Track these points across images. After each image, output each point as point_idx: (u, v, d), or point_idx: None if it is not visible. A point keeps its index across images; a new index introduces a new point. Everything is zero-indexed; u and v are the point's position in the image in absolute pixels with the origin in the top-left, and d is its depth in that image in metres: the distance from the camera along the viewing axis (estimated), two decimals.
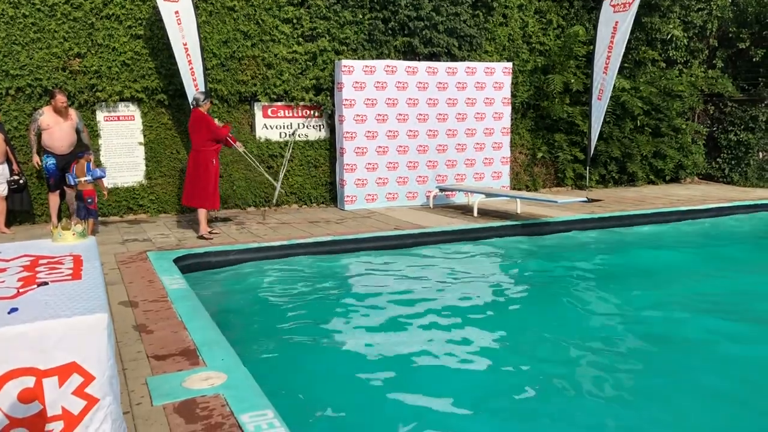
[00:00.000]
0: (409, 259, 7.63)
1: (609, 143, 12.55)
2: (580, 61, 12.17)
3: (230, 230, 8.48)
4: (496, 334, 5.35)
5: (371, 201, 10.55)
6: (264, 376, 4.04)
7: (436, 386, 4.26)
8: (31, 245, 3.83)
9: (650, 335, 5.23)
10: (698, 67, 13.65)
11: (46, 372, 2.39)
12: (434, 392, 4.14)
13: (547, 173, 12.71)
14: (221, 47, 9.79)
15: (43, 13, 8.79)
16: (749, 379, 4.35)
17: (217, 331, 4.48)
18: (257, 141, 10.32)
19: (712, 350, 4.90)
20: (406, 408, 3.94)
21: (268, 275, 6.95)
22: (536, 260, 7.79)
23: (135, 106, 9.59)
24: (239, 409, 3.25)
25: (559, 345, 5.04)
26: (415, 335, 5.21)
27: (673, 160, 13.10)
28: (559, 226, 9.06)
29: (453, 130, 11.05)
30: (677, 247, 8.50)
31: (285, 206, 10.62)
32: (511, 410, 3.98)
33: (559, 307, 6.05)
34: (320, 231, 8.31)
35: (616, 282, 6.93)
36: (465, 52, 11.36)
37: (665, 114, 12.89)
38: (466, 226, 8.68)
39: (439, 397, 4.07)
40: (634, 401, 4.05)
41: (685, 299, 6.21)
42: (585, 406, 4.01)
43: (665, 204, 10.45)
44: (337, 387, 4.28)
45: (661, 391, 4.17)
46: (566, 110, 12.12)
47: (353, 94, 10.19)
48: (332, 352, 4.87)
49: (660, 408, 3.94)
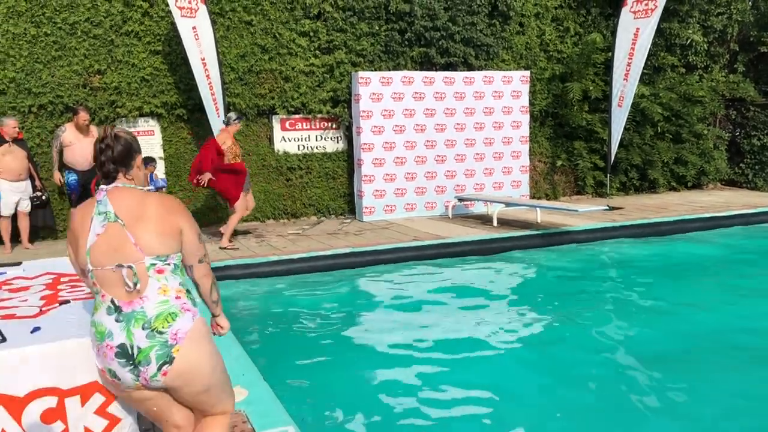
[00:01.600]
0: (428, 271, 7.59)
1: (629, 150, 12.44)
2: (598, 69, 12.09)
3: (249, 243, 8.51)
4: (521, 345, 5.29)
5: (390, 212, 10.54)
6: (285, 391, 4.03)
7: (462, 403, 4.21)
8: (53, 263, 3.86)
9: (677, 346, 5.14)
10: (719, 72, 13.51)
11: (69, 392, 2.40)
12: (460, 410, 4.10)
13: (567, 181, 12.62)
14: (239, 61, 9.86)
15: (64, 32, 8.92)
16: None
17: (238, 345, 4.47)
18: (276, 154, 10.36)
19: (746, 360, 4.80)
20: (429, 425, 3.89)
21: (287, 288, 6.95)
22: (558, 270, 7.71)
23: (155, 121, 9.68)
24: (260, 425, 3.24)
25: (584, 356, 4.97)
26: (439, 349, 5.16)
27: (695, 166, 12.94)
28: (581, 235, 8.97)
29: (471, 139, 11.02)
30: (702, 254, 8.38)
31: (304, 218, 10.64)
32: (541, 426, 3.92)
33: (583, 317, 5.97)
34: (339, 243, 8.30)
35: (640, 290, 6.84)
36: (482, 61, 11.34)
37: (686, 120, 12.75)
38: (486, 236, 8.63)
39: (466, 415, 4.02)
40: (660, 411, 3.98)
41: (715, 305, 6.11)
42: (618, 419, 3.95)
43: (687, 211, 10.31)
44: (358, 402, 4.25)
45: (694, 404, 4.10)
46: (585, 118, 12.04)
47: (370, 106, 10.20)
48: (353, 367, 4.84)
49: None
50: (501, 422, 3.92)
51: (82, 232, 2.40)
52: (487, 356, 5.03)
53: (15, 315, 2.73)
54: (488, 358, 4.99)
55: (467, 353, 5.08)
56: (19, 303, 2.94)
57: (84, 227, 2.40)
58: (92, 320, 2.41)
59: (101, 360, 2.36)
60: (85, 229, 2.39)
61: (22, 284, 3.33)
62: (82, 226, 2.40)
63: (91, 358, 2.41)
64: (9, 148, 8.04)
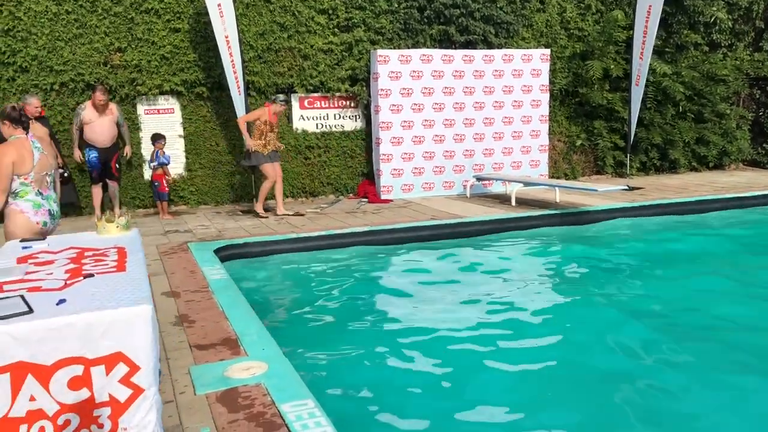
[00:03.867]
0: (446, 249, 7.60)
1: (650, 130, 12.30)
2: (619, 47, 11.93)
3: (269, 221, 8.57)
4: (541, 327, 5.28)
5: (408, 191, 10.54)
6: (305, 366, 4.09)
7: (484, 383, 4.24)
8: (77, 238, 3.93)
9: (701, 325, 5.13)
10: (743, 50, 13.26)
11: (94, 361, 2.46)
12: (482, 390, 4.13)
13: (587, 161, 12.52)
14: (258, 39, 9.86)
15: (85, 9, 8.96)
16: None
17: (257, 320, 4.53)
18: (294, 132, 10.38)
19: None
20: (450, 405, 3.93)
21: (306, 265, 7.01)
22: (577, 249, 7.69)
23: (174, 99, 9.72)
24: (280, 399, 3.29)
25: (606, 337, 4.97)
26: (456, 327, 5.18)
27: (717, 146, 12.77)
28: (600, 215, 8.91)
29: (490, 118, 10.96)
30: (723, 236, 8.30)
31: (322, 196, 10.67)
32: (566, 407, 3.94)
33: (602, 297, 5.96)
34: (357, 221, 8.33)
35: (660, 271, 6.80)
36: (502, 39, 11.23)
37: (708, 99, 12.57)
38: (504, 215, 8.61)
39: (488, 396, 4.05)
40: (693, 390, 3.98)
41: (737, 287, 6.07)
42: (649, 402, 3.96)
43: (708, 191, 10.20)
44: (376, 377, 4.30)
45: (723, 382, 4.10)
46: (606, 97, 11.91)
47: (389, 84, 10.17)
48: (371, 343, 4.88)
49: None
50: (520, 400, 3.95)
51: (28, 156, 4.48)
52: (503, 334, 5.05)
53: (41, 288, 2.79)
54: (503, 336, 5.00)
55: (484, 331, 5.09)
56: (45, 276, 3.00)
57: (29, 154, 4.49)
58: (27, 199, 4.48)
59: (40, 217, 4.52)
60: (30, 154, 4.49)
61: (47, 258, 3.39)
62: (29, 153, 4.49)
63: (114, 329, 2.47)
64: (31, 126, 8.12)
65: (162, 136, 9.07)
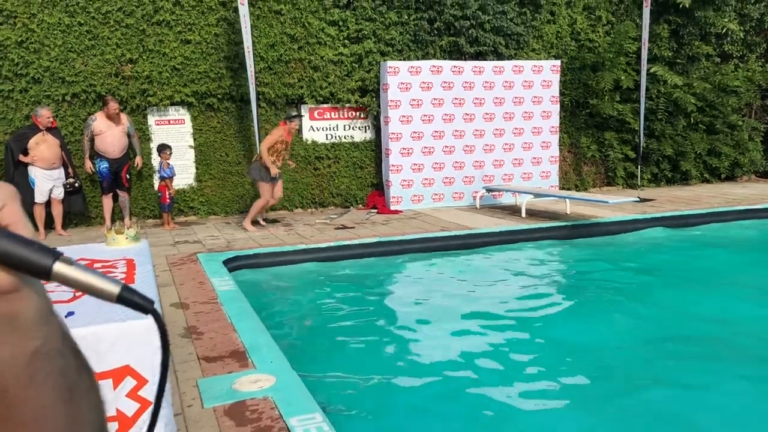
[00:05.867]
0: (456, 261, 7.57)
1: (661, 141, 12.24)
2: (630, 58, 11.90)
3: (278, 232, 8.56)
4: (550, 339, 5.25)
5: (417, 202, 10.52)
6: (313, 379, 4.05)
7: (491, 395, 4.20)
8: (86, 249, 3.93)
9: (711, 336, 5.06)
10: (755, 62, 13.20)
11: (102, 375, 2.44)
12: (489, 401, 4.09)
13: (597, 172, 12.46)
14: (268, 51, 9.90)
15: (97, 21, 9.03)
16: None
17: (266, 333, 4.51)
18: (304, 143, 10.40)
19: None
20: (460, 421, 3.89)
21: (315, 277, 6.99)
22: (587, 262, 7.63)
23: (185, 109, 9.77)
24: (288, 412, 3.26)
25: (613, 350, 4.92)
26: (465, 339, 5.15)
27: (729, 157, 12.69)
28: (611, 227, 8.85)
29: (500, 129, 10.93)
30: (736, 249, 8.22)
31: (331, 207, 10.67)
32: (570, 415, 3.90)
33: (614, 310, 5.90)
34: (366, 232, 8.31)
35: (672, 284, 6.73)
36: (512, 50, 11.23)
37: (720, 110, 12.50)
38: (514, 227, 8.57)
39: (499, 415, 4.00)
40: (693, 401, 3.92)
41: (748, 300, 6.00)
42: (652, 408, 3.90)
43: (721, 203, 10.12)
44: (386, 391, 4.26)
45: (724, 394, 4.03)
46: (617, 108, 11.87)
47: (399, 95, 10.18)
48: (380, 355, 4.85)
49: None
50: (521, 408, 3.90)
51: None
52: (510, 345, 5.01)
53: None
54: (511, 347, 4.96)
55: (493, 343, 5.05)
56: (53, 288, 2.99)
57: None
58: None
59: None
60: None
61: None
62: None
63: (122, 342, 2.45)
64: (43, 137, 8.20)
65: (168, 147, 9.07)
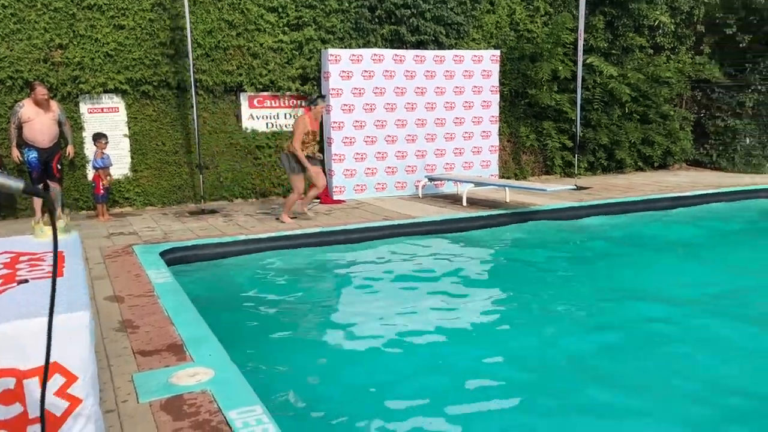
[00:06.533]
0: (398, 250, 7.58)
1: (597, 130, 12.54)
2: (567, 49, 12.12)
3: (217, 222, 8.40)
4: (490, 327, 5.31)
5: (360, 191, 10.49)
6: (252, 371, 3.99)
7: (430, 380, 4.22)
8: (12, 241, 3.75)
9: (644, 321, 5.22)
10: (685, 54, 13.65)
11: (27, 373, 2.32)
12: (428, 387, 4.11)
13: (536, 161, 12.69)
14: (206, 37, 9.66)
15: (23, 4, 8.63)
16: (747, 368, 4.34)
17: (204, 325, 4.41)
18: (243, 132, 10.22)
19: (709, 335, 4.89)
20: (398, 404, 3.90)
21: (255, 268, 6.88)
22: (526, 249, 7.76)
23: (119, 97, 9.46)
24: (227, 406, 3.19)
25: (550, 335, 5.02)
26: (406, 327, 5.16)
27: (661, 146, 13.10)
28: (549, 214, 9.03)
29: (441, 118, 10.99)
30: (669, 235, 8.50)
31: (273, 197, 10.53)
32: (515, 400, 3.95)
33: (551, 296, 6.02)
34: (308, 223, 8.24)
35: (608, 270, 6.92)
36: (452, 39, 11.29)
37: (653, 101, 12.89)
38: (455, 215, 8.64)
39: (434, 393, 4.03)
40: (620, 383, 4.04)
41: (681, 286, 6.21)
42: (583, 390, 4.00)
43: (654, 191, 10.45)
44: (328, 381, 4.23)
45: (653, 378, 4.16)
46: (554, 98, 12.08)
47: (340, 84, 10.10)
48: (321, 346, 4.82)
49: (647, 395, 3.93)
50: (462, 397, 3.94)
51: None
52: (452, 333, 5.06)
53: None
54: (450, 334, 5.01)
55: (434, 331, 5.09)
56: None
57: None
58: None
59: None
60: None
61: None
62: None
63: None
64: None
65: (103, 136, 8.76)
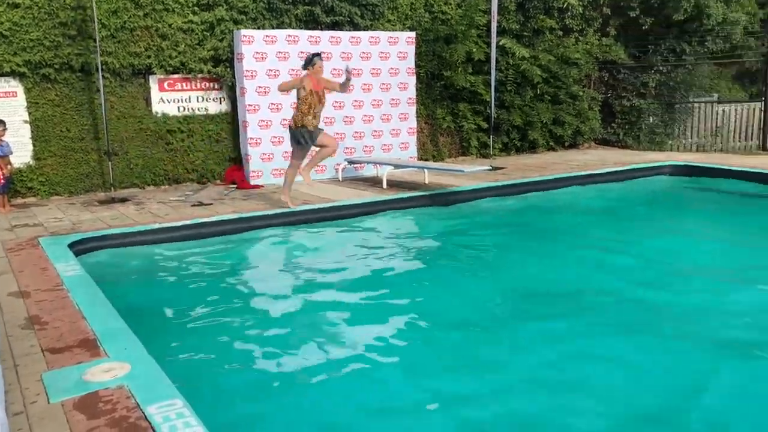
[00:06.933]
0: (319, 234, 7.52)
1: (511, 112, 12.81)
2: (481, 30, 12.28)
3: (128, 211, 8.08)
4: (413, 306, 5.35)
5: (278, 176, 10.29)
6: (171, 363, 3.86)
7: (347, 362, 4.21)
8: None
9: (561, 292, 5.39)
10: (593, 35, 14.08)
11: None
12: (345, 370, 4.09)
13: (453, 143, 12.84)
14: (110, 17, 9.21)
15: None
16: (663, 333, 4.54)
17: (118, 319, 4.23)
18: (154, 116, 9.85)
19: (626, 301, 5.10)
20: (319, 393, 3.86)
21: (170, 257, 6.66)
22: (446, 229, 7.86)
23: (17, 81, 8.90)
24: (145, 400, 3.07)
25: (475, 310, 5.10)
26: (328, 312, 5.12)
27: (572, 126, 13.52)
28: (467, 195, 9.18)
29: (359, 101, 10.94)
30: (580, 211, 8.81)
31: (187, 183, 10.22)
32: (439, 379, 3.98)
33: (472, 274, 6.13)
34: (225, 209, 8.05)
35: (525, 247, 7.10)
36: (368, 21, 11.22)
37: (563, 82, 13.26)
38: (375, 198, 8.64)
39: (357, 376, 4.01)
40: (544, 355, 4.15)
41: (596, 257, 6.45)
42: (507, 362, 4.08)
43: (565, 169, 10.78)
44: (250, 370, 4.16)
45: (577, 347, 4.30)
46: (469, 80, 12.23)
47: (254, 65, 9.87)
48: (244, 335, 4.72)
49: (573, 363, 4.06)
50: (380, 378, 3.96)
51: None
52: (375, 315, 5.07)
53: None
54: (375, 317, 5.02)
55: (355, 314, 5.08)
56: None
57: None
58: None
59: None
60: None
61: None
62: None
63: None
64: None
65: (1, 122, 8.24)
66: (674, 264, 6.28)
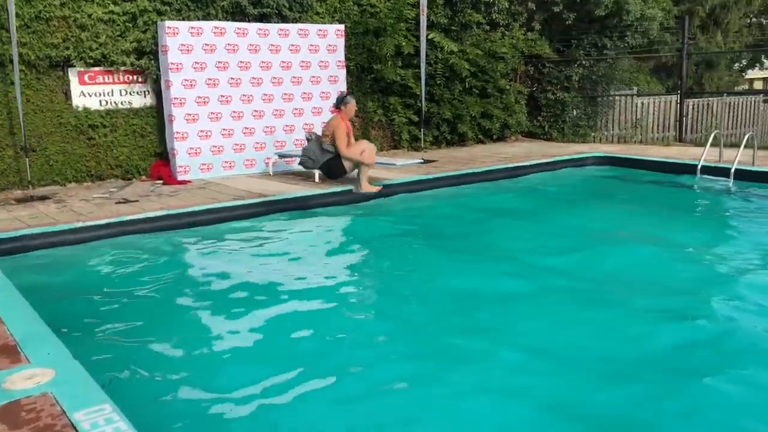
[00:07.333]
0: (249, 230, 7.40)
1: (441, 105, 12.93)
2: (410, 24, 12.33)
3: (49, 210, 7.73)
4: (345, 295, 5.34)
5: (207, 171, 10.09)
6: (98, 368, 3.72)
7: (284, 361, 4.16)
8: None
9: (496, 284, 5.48)
10: (518, 30, 14.36)
11: None
12: (282, 370, 4.04)
13: (384, 136, 12.87)
14: (24, 6, 8.76)
15: None
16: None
17: (40, 323, 4.04)
18: (74, 110, 9.45)
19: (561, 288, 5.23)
20: (254, 395, 3.80)
21: (95, 257, 6.41)
22: (380, 222, 7.87)
23: None
24: (72, 407, 2.94)
25: (407, 301, 5.13)
26: (261, 309, 5.05)
27: (499, 119, 13.76)
28: (399, 188, 9.21)
29: (289, 94, 10.81)
30: (510, 202, 9.00)
31: (111, 180, 9.87)
32: (363, 373, 3.98)
33: (403, 270, 6.16)
34: (152, 205, 7.81)
35: (453, 238, 7.19)
36: (296, 13, 11.09)
37: (491, 75, 13.48)
38: (308, 192, 8.57)
39: (291, 381, 3.97)
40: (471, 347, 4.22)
41: (530, 246, 6.59)
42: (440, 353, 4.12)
43: (494, 162, 10.98)
44: (183, 373, 4.04)
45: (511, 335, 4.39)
46: (399, 73, 12.28)
47: (180, 58, 9.60)
48: (170, 336, 4.58)
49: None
50: (325, 372, 3.94)
51: None
52: (310, 309, 5.04)
53: None
54: (310, 311, 4.99)
55: (290, 309, 5.04)
56: None
57: None
58: None
59: None
60: None
61: None
62: None
63: None
64: None
65: None
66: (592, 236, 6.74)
